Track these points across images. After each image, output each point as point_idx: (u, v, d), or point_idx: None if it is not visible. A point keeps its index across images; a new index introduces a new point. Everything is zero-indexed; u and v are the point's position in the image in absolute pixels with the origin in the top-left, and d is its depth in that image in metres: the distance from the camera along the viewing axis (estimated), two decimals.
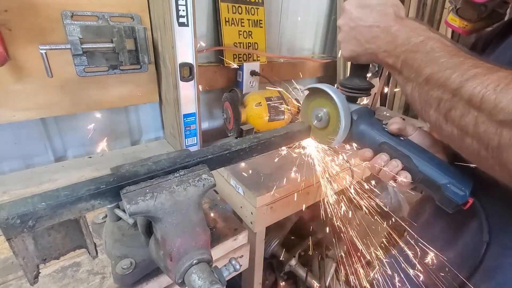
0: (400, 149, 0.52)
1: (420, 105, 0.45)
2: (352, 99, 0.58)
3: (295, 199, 0.95)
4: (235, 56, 1.23)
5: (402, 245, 0.68)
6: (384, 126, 0.56)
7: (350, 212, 0.88)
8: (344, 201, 0.84)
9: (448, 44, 0.42)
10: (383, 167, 0.53)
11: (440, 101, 0.41)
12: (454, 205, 0.47)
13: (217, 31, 1.18)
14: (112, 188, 0.43)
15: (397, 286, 0.68)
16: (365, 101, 0.62)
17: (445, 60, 0.40)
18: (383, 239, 1.57)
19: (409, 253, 0.65)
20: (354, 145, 0.59)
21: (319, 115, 0.57)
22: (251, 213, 0.87)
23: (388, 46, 0.48)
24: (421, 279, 0.62)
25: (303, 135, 0.65)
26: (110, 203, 0.44)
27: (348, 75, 0.65)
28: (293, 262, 1.48)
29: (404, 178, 0.51)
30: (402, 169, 0.52)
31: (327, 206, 0.82)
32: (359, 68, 0.57)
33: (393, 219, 1.19)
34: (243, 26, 1.22)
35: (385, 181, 0.55)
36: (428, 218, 0.67)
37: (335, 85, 0.62)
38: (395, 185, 0.54)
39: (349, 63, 1.46)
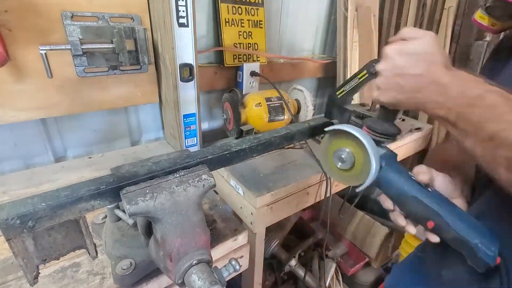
0: (429, 204, 0.48)
1: (486, 162, 0.42)
2: (377, 142, 0.53)
3: (295, 199, 0.95)
4: (235, 56, 1.23)
5: None
6: (410, 174, 0.52)
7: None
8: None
9: (510, 97, 0.40)
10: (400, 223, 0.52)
11: (511, 161, 0.38)
12: (486, 265, 0.45)
13: (217, 32, 1.18)
14: (112, 189, 0.43)
15: None
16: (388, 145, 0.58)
17: (511, 118, 0.38)
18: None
19: None
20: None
21: (343, 157, 0.52)
22: (251, 213, 0.87)
23: (439, 98, 0.44)
24: None
25: (303, 135, 0.65)
26: (110, 203, 0.44)
27: (350, 79, 0.64)
28: (293, 262, 1.48)
29: (434, 240, 0.49)
30: (431, 228, 0.49)
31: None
32: (390, 113, 0.53)
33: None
34: (243, 26, 1.22)
35: None
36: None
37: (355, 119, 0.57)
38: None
39: (349, 64, 1.46)
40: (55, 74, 0.80)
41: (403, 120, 1.58)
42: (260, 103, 1.13)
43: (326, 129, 0.54)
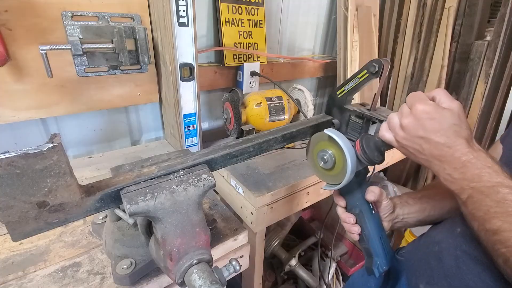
0: (367, 222, 0.62)
1: (486, 247, 0.44)
2: (359, 161, 0.57)
3: (295, 199, 0.95)
4: (235, 56, 1.23)
5: None
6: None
7: None
8: None
9: None
10: (346, 223, 0.64)
11: (507, 261, 0.40)
12: (372, 275, 0.63)
13: (217, 31, 1.18)
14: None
15: None
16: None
17: None
18: None
19: None
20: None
21: (325, 157, 0.58)
22: (251, 213, 0.87)
23: (454, 173, 0.45)
24: None
25: (304, 135, 0.65)
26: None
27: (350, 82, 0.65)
28: (293, 262, 1.48)
29: (355, 238, 0.64)
30: (358, 233, 0.63)
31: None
32: (386, 146, 0.56)
33: None
34: (243, 26, 1.22)
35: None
36: None
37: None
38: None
39: (349, 64, 1.46)
40: (55, 74, 0.80)
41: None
42: (260, 102, 1.13)
43: (325, 131, 0.57)
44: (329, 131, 0.55)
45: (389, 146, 0.55)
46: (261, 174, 0.95)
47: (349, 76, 0.97)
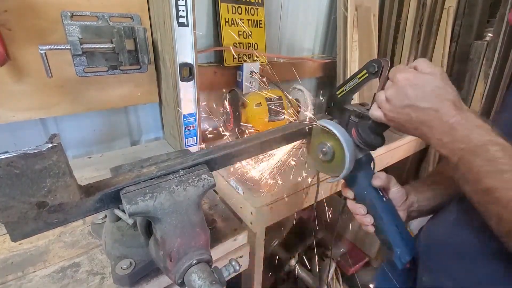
0: (379, 210, 0.59)
1: (478, 209, 0.44)
2: (359, 148, 0.58)
3: (295, 199, 0.95)
4: (234, 56, 1.23)
5: None
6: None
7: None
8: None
9: None
10: (357, 214, 0.62)
11: (500, 220, 0.40)
12: (395, 267, 0.59)
13: (217, 32, 1.18)
14: None
15: None
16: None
17: (509, 177, 0.38)
18: None
19: None
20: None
21: (324, 150, 0.58)
22: (251, 213, 0.87)
23: (444, 137, 0.45)
24: None
25: (303, 135, 0.65)
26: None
27: (348, 77, 0.65)
28: (293, 262, 1.48)
29: (369, 230, 0.61)
30: (372, 224, 0.60)
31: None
32: (381, 127, 0.55)
33: None
34: (243, 26, 1.22)
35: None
36: None
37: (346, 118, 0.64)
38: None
39: (349, 64, 1.46)
40: (55, 74, 0.80)
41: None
42: (260, 103, 1.12)
43: (318, 122, 0.58)
44: (322, 122, 0.56)
45: (385, 127, 0.55)
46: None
47: (348, 76, 0.97)
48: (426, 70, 0.47)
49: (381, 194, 0.60)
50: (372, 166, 0.63)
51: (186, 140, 1.02)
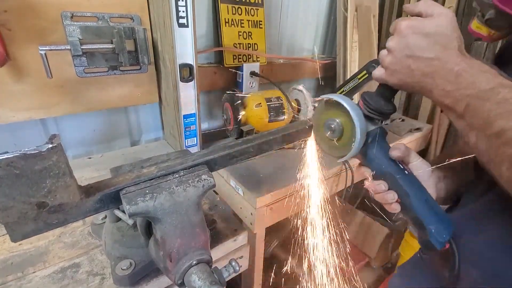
0: (402, 184, 0.52)
1: (488, 158, 0.41)
2: (370, 119, 0.54)
3: (295, 200, 0.94)
4: (234, 56, 1.23)
5: None
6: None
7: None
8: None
9: None
10: (378, 192, 0.55)
11: None
12: (433, 248, 0.51)
13: (217, 32, 1.18)
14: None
15: None
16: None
17: None
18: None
19: None
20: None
21: (332, 126, 0.54)
22: (251, 213, 0.87)
23: (448, 86, 0.42)
24: None
25: (303, 135, 0.65)
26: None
27: (351, 73, 0.64)
28: (293, 262, 1.48)
29: (395, 209, 0.54)
30: (396, 201, 0.53)
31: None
32: (389, 90, 0.52)
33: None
34: (243, 27, 1.22)
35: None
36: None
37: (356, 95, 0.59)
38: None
39: (349, 64, 1.46)
40: (55, 74, 0.80)
41: (403, 120, 1.58)
42: (260, 103, 1.12)
43: (320, 97, 0.55)
44: (324, 95, 0.53)
45: (391, 90, 0.52)
46: (261, 174, 0.95)
47: (348, 77, 0.97)
48: (430, 13, 0.44)
49: (402, 167, 0.54)
50: (387, 140, 0.57)
51: (186, 140, 1.02)
